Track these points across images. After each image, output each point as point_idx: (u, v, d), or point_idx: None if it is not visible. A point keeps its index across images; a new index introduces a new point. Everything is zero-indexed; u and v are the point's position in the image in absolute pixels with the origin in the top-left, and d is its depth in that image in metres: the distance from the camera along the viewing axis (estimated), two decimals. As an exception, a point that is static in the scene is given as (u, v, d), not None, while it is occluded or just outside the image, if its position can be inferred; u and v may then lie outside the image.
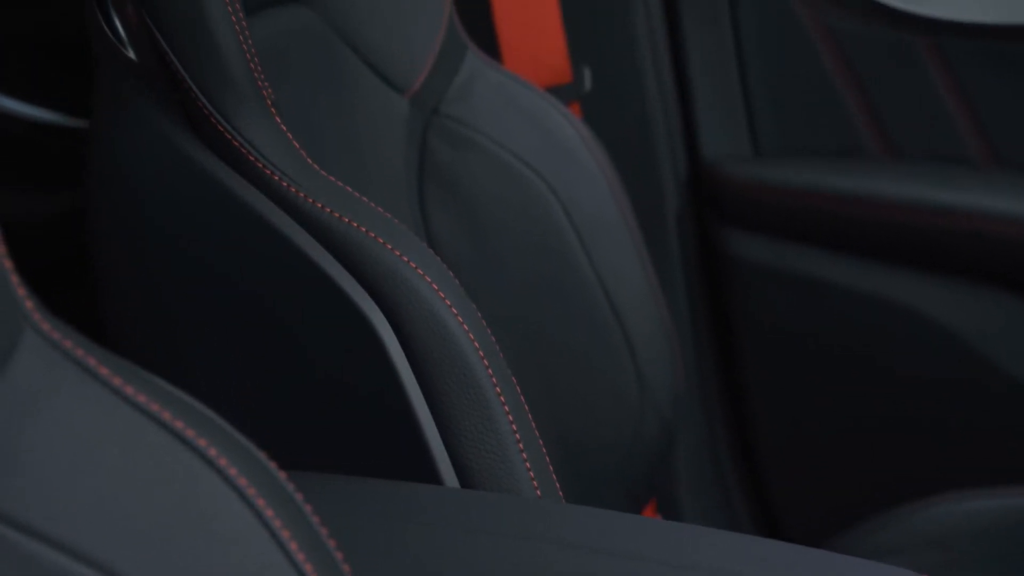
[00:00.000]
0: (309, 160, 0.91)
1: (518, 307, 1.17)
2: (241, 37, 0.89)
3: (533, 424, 0.89)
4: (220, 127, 0.89)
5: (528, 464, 0.86)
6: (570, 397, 1.19)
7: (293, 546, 0.54)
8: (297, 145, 0.91)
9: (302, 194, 0.88)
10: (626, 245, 1.21)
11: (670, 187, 1.53)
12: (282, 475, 0.56)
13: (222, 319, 0.93)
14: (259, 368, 0.92)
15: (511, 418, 0.86)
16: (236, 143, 0.89)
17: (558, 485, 0.89)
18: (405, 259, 0.87)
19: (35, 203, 1.41)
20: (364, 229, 0.88)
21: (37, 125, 1.38)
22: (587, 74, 1.46)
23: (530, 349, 1.17)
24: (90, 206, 0.98)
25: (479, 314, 0.89)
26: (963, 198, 1.36)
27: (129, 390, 0.53)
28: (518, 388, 0.89)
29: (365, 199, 0.91)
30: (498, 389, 0.86)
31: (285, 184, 0.89)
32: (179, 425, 0.53)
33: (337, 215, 0.88)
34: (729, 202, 1.50)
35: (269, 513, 0.53)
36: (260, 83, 0.90)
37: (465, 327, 0.87)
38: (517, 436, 0.86)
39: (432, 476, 0.86)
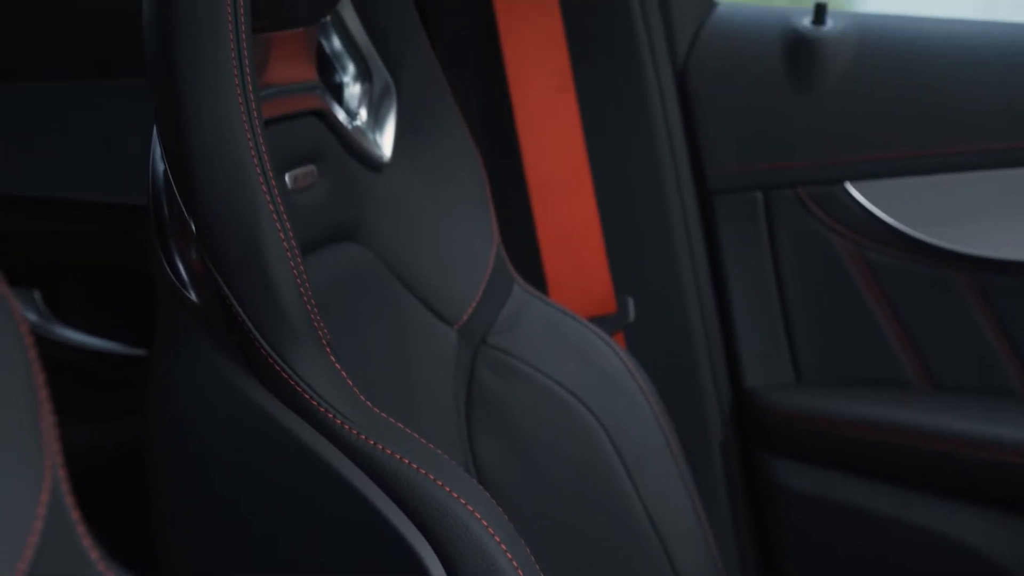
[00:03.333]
0: (362, 397, 0.93)
1: (565, 530, 1.18)
2: (299, 280, 0.92)
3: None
4: (277, 367, 0.92)
5: None
6: (616, 623, 1.19)
7: None
8: (350, 383, 0.93)
9: (355, 431, 0.90)
10: (671, 473, 1.22)
11: (714, 415, 1.54)
12: None
13: (270, 555, 0.94)
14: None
15: (558, 655, 0.87)
16: (291, 382, 0.91)
17: None
18: (455, 495, 0.89)
19: (99, 433, 1.42)
20: (415, 465, 0.89)
21: (100, 355, 1.41)
22: (631, 304, 1.48)
23: (576, 571, 1.18)
24: (147, 439, 1.00)
25: (527, 550, 0.90)
26: (1007, 431, 1.36)
27: (189, 640, 0.55)
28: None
29: (415, 435, 0.93)
30: (545, 626, 0.87)
31: (339, 421, 0.91)
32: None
33: (388, 451, 0.90)
34: (772, 430, 1.51)
35: None
36: (316, 323, 0.93)
37: (515, 564, 0.87)
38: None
39: None
